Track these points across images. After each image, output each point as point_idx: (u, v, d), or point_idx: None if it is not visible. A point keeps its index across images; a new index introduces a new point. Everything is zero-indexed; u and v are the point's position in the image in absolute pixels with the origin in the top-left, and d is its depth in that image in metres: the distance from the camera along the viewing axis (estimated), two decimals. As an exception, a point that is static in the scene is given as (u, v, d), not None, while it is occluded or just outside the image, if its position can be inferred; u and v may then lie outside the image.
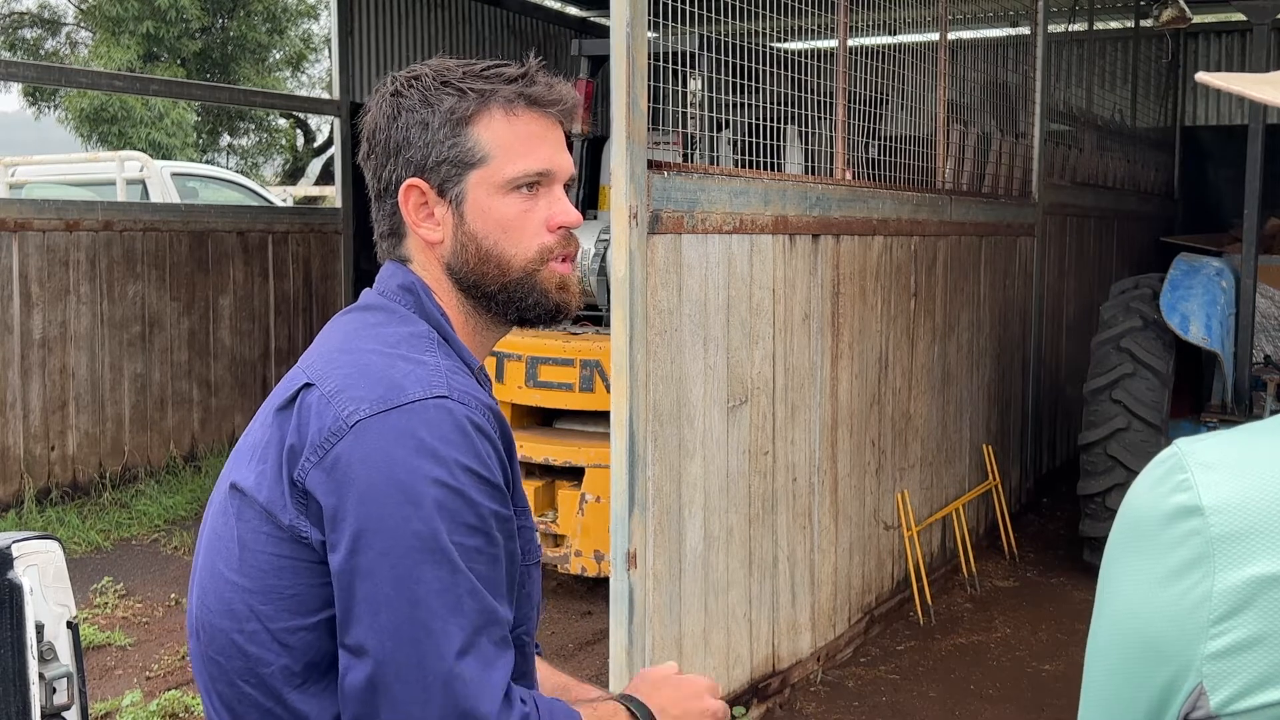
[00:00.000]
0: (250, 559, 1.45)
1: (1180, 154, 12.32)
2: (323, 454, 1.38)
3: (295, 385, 1.47)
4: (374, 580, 1.35)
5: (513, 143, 1.53)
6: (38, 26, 20.42)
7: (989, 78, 7.53)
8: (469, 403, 1.42)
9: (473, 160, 1.52)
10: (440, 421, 1.38)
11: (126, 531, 7.17)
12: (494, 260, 1.54)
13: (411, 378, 1.41)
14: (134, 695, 4.74)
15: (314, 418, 1.41)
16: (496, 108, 1.53)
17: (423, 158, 1.53)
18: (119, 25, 17.92)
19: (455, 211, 1.54)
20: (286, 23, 20.89)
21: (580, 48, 6.41)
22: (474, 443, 1.40)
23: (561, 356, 5.73)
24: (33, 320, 7.42)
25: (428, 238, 1.55)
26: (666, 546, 3.98)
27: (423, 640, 1.34)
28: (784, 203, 4.61)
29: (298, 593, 1.42)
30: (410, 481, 1.35)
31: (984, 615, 5.88)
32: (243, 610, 1.45)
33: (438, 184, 1.53)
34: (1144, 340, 6.16)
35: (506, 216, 1.54)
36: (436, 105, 1.52)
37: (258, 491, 1.45)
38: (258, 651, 1.44)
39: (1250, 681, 0.84)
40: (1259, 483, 0.86)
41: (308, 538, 1.41)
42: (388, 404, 1.39)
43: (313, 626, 1.43)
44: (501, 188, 1.53)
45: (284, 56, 21.53)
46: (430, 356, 1.47)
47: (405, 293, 1.56)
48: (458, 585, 1.36)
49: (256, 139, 22.21)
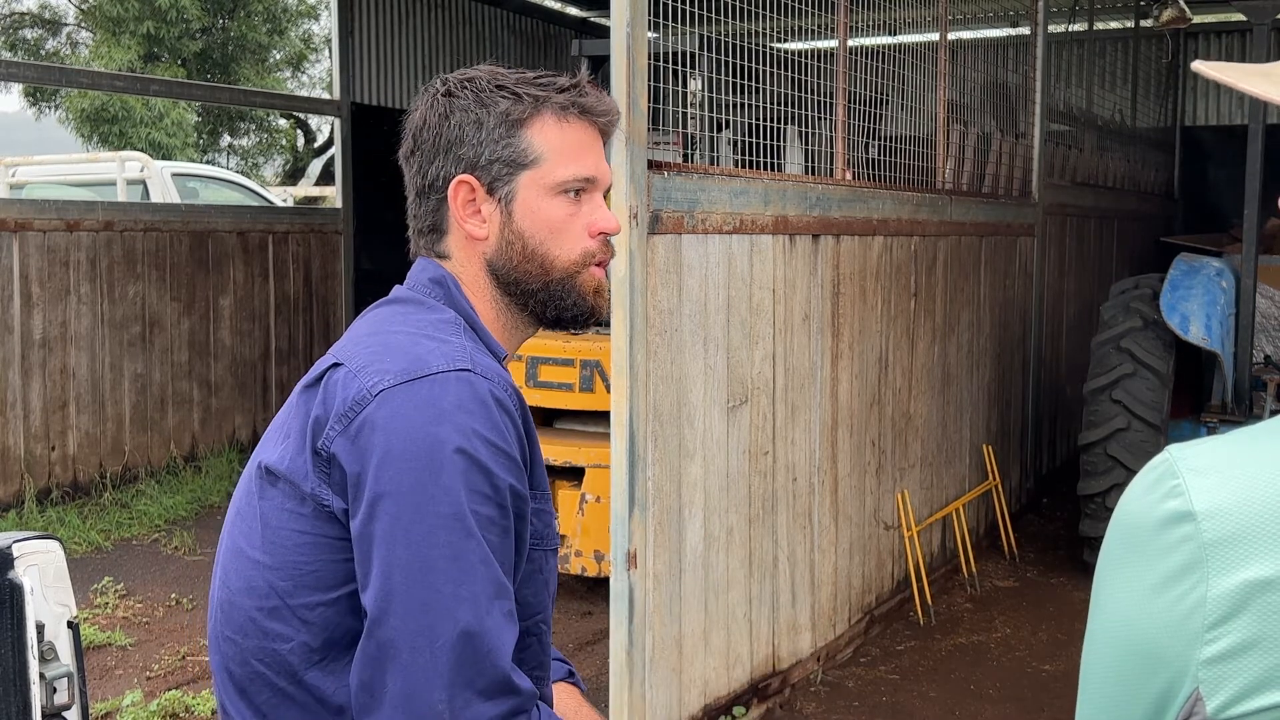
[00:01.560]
0: (272, 535, 1.48)
1: (1180, 154, 12.31)
2: (348, 422, 1.42)
3: (323, 366, 1.52)
4: (390, 544, 1.38)
5: (564, 148, 1.58)
6: (38, 27, 20.42)
7: (989, 78, 7.53)
8: (492, 377, 1.47)
9: (525, 161, 1.57)
10: (462, 393, 1.42)
11: (127, 531, 7.17)
12: (538, 259, 1.59)
13: (436, 353, 1.46)
14: (134, 695, 4.75)
15: (340, 389, 1.45)
16: (549, 113, 1.58)
17: (475, 155, 1.57)
18: (119, 25, 17.92)
19: (503, 210, 1.59)
20: (287, 23, 20.90)
21: (580, 48, 6.41)
22: (494, 416, 1.43)
23: (561, 356, 5.73)
24: (33, 320, 7.42)
25: (474, 233, 1.60)
26: (666, 546, 3.99)
27: (433, 604, 1.36)
28: (784, 203, 4.61)
29: (318, 569, 1.45)
30: (430, 448, 1.38)
31: (984, 615, 5.88)
32: (263, 587, 1.48)
33: (488, 182, 1.58)
34: (1144, 340, 6.16)
35: (554, 218, 1.59)
36: (492, 106, 1.57)
37: (281, 464, 1.48)
38: (278, 628, 1.47)
39: (1246, 686, 0.84)
40: (1251, 487, 0.86)
41: (329, 505, 1.44)
42: (411, 375, 1.42)
43: (332, 602, 1.45)
44: (551, 190, 1.58)
45: (284, 57, 21.54)
46: (455, 338, 1.51)
47: (435, 285, 1.60)
48: (471, 552, 1.38)
49: (257, 139, 22.21)
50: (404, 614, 1.36)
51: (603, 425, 5.51)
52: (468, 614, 1.36)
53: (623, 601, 3.80)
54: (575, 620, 5.72)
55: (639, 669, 3.86)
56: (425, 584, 1.36)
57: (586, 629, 5.60)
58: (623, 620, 3.81)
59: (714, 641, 4.30)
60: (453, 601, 1.36)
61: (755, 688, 4.58)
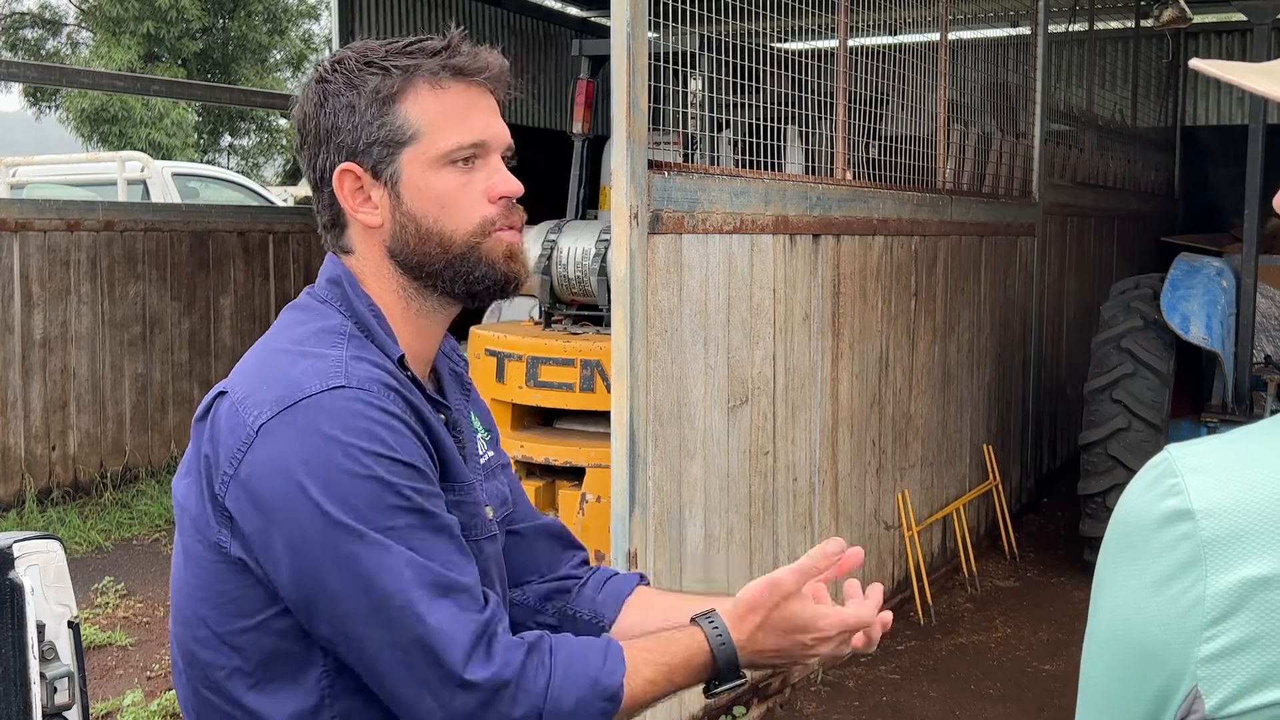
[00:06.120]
0: (193, 566, 1.48)
1: (1180, 154, 12.31)
2: (235, 467, 1.41)
3: (212, 395, 1.50)
4: (321, 579, 1.38)
5: (442, 116, 1.50)
6: (38, 27, 20.44)
7: (989, 78, 7.53)
8: (368, 387, 1.42)
9: (403, 138, 1.49)
10: (338, 411, 1.39)
11: (127, 531, 7.17)
12: (435, 238, 1.51)
13: (309, 373, 1.42)
14: (135, 695, 4.75)
15: (224, 426, 1.44)
16: (422, 82, 1.50)
17: (353, 141, 1.50)
18: (119, 26, 17.93)
19: (391, 193, 1.51)
20: (287, 23, 20.91)
21: (580, 48, 6.40)
22: (373, 427, 1.40)
23: (562, 356, 5.73)
24: (34, 320, 7.42)
25: (367, 222, 1.53)
26: (667, 546, 3.99)
27: (390, 622, 1.37)
28: (784, 203, 4.61)
29: (238, 595, 1.45)
30: (320, 478, 1.37)
31: (984, 615, 5.88)
32: (192, 617, 1.48)
33: (371, 166, 1.50)
34: (1144, 340, 6.16)
35: (443, 192, 1.51)
36: (361, 86, 1.49)
37: (188, 504, 1.48)
38: (209, 656, 1.47)
39: (1245, 683, 0.84)
40: (1249, 485, 0.87)
41: (228, 550, 1.43)
42: (286, 402, 1.40)
43: (256, 626, 1.45)
44: (435, 163, 1.50)
45: (284, 57, 21.55)
46: (335, 350, 1.46)
47: (332, 286, 1.55)
48: (395, 560, 1.37)
49: (257, 139, 22.22)
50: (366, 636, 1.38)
51: (603, 425, 5.50)
52: (420, 618, 1.37)
53: (623, 601, 3.79)
54: (575, 620, 5.72)
55: (639, 669, 3.85)
56: (372, 607, 1.37)
57: (587, 629, 5.60)
58: (623, 620, 3.80)
59: (714, 641, 4.30)
60: (402, 613, 1.37)
61: (756, 687, 4.58)
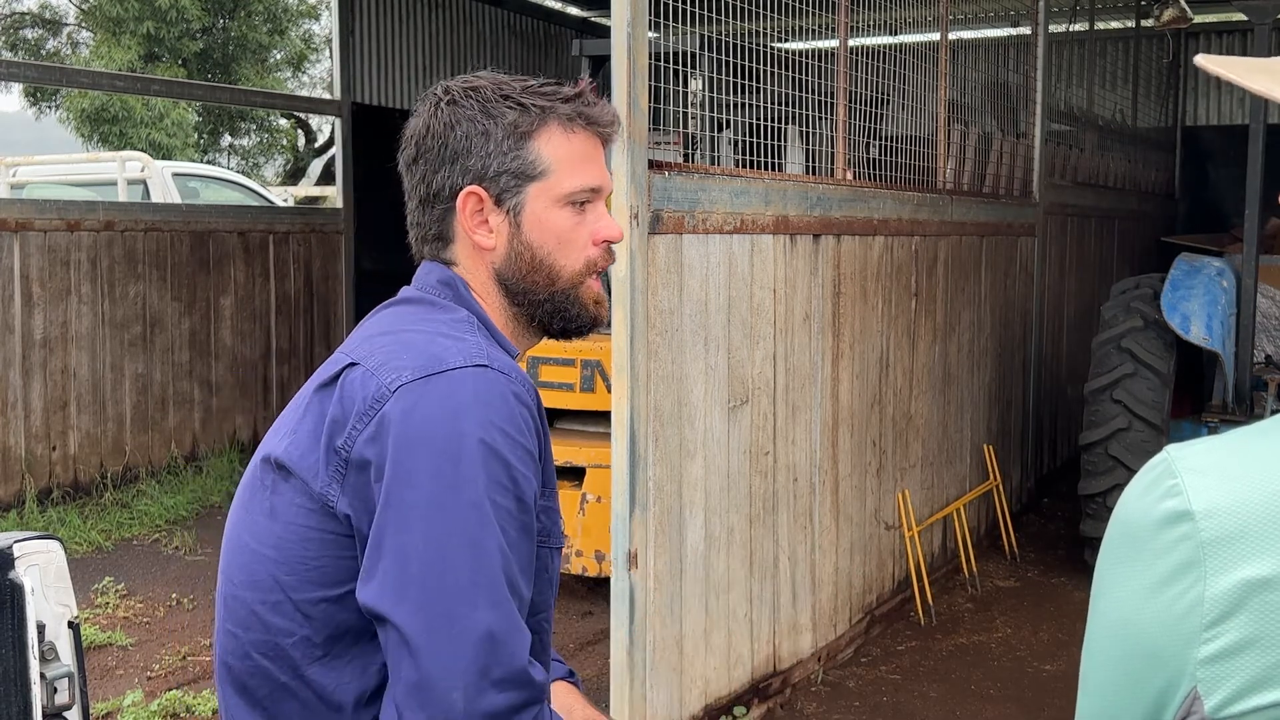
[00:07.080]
0: (280, 529, 1.48)
1: (1181, 154, 12.31)
2: (369, 419, 1.42)
3: (338, 365, 1.51)
4: (406, 532, 1.37)
5: (569, 158, 1.59)
6: (39, 27, 20.43)
7: (990, 78, 7.53)
8: (510, 373, 1.47)
9: (534, 173, 1.58)
10: (480, 387, 1.43)
11: (128, 531, 7.17)
12: (545, 270, 1.60)
13: (452, 350, 1.46)
14: (135, 695, 4.75)
15: (359, 389, 1.45)
16: (555, 124, 1.59)
17: (483, 167, 1.58)
18: (120, 25, 17.92)
19: (512, 221, 1.60)
20: (287, 23, 20.89)
21: (581, 48, 6.41)
22: (513, 410, 1.44)
23: (562, 356, 5.73)
24: (34, 320, 7.42)
25: (482, 244, 1.61)
26: (667, 546, 3.99)
27: (451, 593, 1.35)
28: (785, 203, 4.61)
29: (323, 564, 1.45)
30: (449, 438, 1.39)
31: (985, 615, 5.88)
32: (267, 580, 1.48)
33: (496, 193, 1.59)
34: (1145, 340, 6.16)
35: (561, 229, 1.60)
36: (499, 117, 1.58)
37: (289, 458, 1.48)
38: (280, 622, 1.47)
39: (1244, 684, 0.84)
40: (1248, 486, 0.87)
41: (334, 505, 1.44)
42: (429, 370, 1.43)
43: (336, 599, 1.45)
44: (558, 201, 1.59)
45: (285, 57, 21.54)
46: (471, 336, 1.52)
47: (444, 287, 1.61)
48: (489, 540, 1.38)
49: (257, 139, 22.21)
50: (420, 602, 1.35)
51: (603, 425, 5.51)
52: (486, 604, 1.35)
53: (623, 601, 3.80)
54: (576, 620, 5.72)
55: (640, 669, 3.86)
56: (443, 572, 1.36)
57: (587, 629, 5.60)
58: (623, 620, 3.81)
59: (715, 641, 4.30)
60: (471, 590, 1.35)
61: (756, 688, 4.58)
